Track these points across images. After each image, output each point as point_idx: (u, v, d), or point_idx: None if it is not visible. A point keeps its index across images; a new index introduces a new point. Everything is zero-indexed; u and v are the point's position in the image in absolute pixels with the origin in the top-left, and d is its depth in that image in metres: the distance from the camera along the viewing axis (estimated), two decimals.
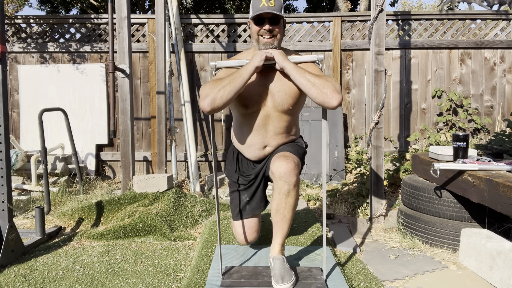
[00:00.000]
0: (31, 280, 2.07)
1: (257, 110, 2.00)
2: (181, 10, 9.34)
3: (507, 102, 4.77)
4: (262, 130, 2.03)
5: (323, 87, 1.79)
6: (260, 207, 2.20)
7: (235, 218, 2.23)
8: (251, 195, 2.18)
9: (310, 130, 4.53)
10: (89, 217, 3.01)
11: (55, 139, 4.73)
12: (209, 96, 1.80)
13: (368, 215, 3.28)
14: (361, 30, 4.75)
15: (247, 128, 2.06)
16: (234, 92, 1.83)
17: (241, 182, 2.19)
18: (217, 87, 1.82)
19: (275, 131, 2.03)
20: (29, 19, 4.80)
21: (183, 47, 4.50)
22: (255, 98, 1.97)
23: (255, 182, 2.18)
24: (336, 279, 1.97)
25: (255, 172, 2.16)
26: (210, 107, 1.80)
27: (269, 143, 2.06)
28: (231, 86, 1.82)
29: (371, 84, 3.09)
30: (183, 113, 4.42)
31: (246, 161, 2.20)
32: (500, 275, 2.01)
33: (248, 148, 2.11)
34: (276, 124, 2.02)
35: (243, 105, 1.99)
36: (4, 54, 2.25)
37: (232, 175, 2.22)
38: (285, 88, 1.96)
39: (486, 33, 4.74)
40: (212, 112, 1.83)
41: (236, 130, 2.14)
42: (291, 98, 1.97)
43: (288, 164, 1.84)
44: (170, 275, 2.14)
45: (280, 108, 1.98)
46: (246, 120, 2.04)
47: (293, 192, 1.86)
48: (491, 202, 2.12)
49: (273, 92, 1.97)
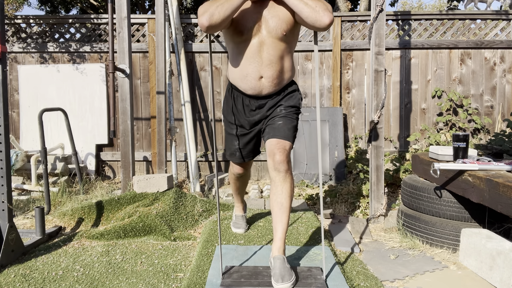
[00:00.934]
0: (31, 280, 2.07)
1: (251, 36, 2.02)
2: (181, 10, 9.34)
3: (507, 102, 4.77)
4: (257, 57, 2.04)
5: (315, 6, 1.87)
6: (250, 156, 2.33)
7: (229, 157, 2.38)
8: (244, 144, 2.27)
9: (310, 130, 4.53)
10: (89, 217, 3.01)
11: (55, 139, 4.73)
12: (208, 12, 1.86)
13: (368, 215, 3.28)
14: (361, 30, 4.75)
15: (242, 56, 2.07)
16: (231, 9, 1.88)
17: (238, 124, 2.23)
18: (215, 3, 1.88)
19: (270, 59, 2.04)
20: (29, 19, 4.80)
21: (183, 47, 4.50)
22: (249, 24, 2.00)
23: (249, 134, 2.24)
24: (336, 279, 1.97)
25: (251, 123, 2.20)
26: (208, 22, 1.86)
27: (264, 73, 2.06)
28: (229, 3, 1.88)
29: (371, 84, 3.09)
30: (183, 113, 4.42)
31: (242, 99, 2.19)
32: (500, 275, 2.01)
33: (244, 79, 2.11)
34: (271, 51, 2.03)
35: (237, 32, 2.01)
36: (4, 54, 2.25)
37: (228, 114, 2.26)
38: (278, 14, 2.00)
39: (486, 33, 4.74)
40: (210, 29, 1.89)
41: (232, 63, 2.16)
42: (285, 23, 2.00)
43: (281, 156, 2.00)
44: (170, 275, 2.14)
45: (274, 34, 2.01)
46: (241, 48, 2.06)
47: (288, 178, 2.00)
48: (491, 202, 2.12)
49: (267, 18, 2.01)
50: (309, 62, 4.80)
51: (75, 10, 10.20)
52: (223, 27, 1.94)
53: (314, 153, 4.48)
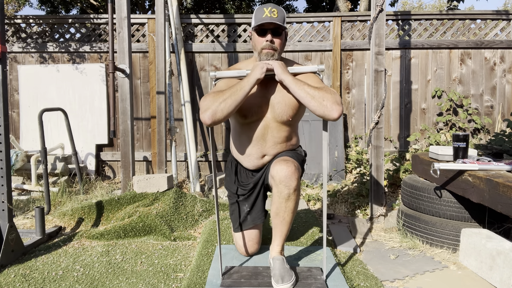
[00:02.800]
0: (31, 280, 2.07)
1: (256, 120, 1.99)
2: (181, 10, 9.34)
3: (507, 102, 4.77)
4: (261, 140, 2.02)
5: (322, 99, 1.77)
6: (260, 217, 2.17)
7: (236, 230, 2.21)
8: (251, 205, 2.16)
9: (310, 130, 4.53)
10: (89, 217, 3.01)
11: (55, 139, 4.73)
12: (210, 109, 1.79)
13: (368, 215, 3.28)
14: (361, 30, 4.75)
15: (246, 138, 2.04)
16: (235, 105, 1.82)
17: (240, 193, 2.17)
18: (218, 100, 1.81)
19: (274, 141, 2.02)
20: (28, 19, 4.80)
21: (183, 47, 4.50)
22: (254, 109, 1.96)
23: (254, 191, 2.15)
24: (336, 279, 1.97)
25: (254, 181, 2.14)
26: (211, 120, 1.79)
27: (268, 152, 2.05)
28: (232, 99, 1.81)
29: (371, 84, 3.09)
30: (183, 113, 4.42)
31: (245, 171, 2.18)
32: (500, 275, 2.01)
33: (246, 158, 2.10)
34: (275, 134, 2.01)
35: (242, 115, 1.98)
36: (4, 54, 2.25)
37: (231, 186, 2.20)
38: (285, 100, 1.95)
39: (486, 33, 4.74)
40: (212, 125, 1.82)
41: (235, 140, 2.13)
42: (291, 109, 1.96)
43: (289, 168, 1.83)
44: (170, 275, 2.14)
45: (279, 119, 1.98)
46: (245, 130, 2.03)
47: (293, 196, 1.86)
48: (491, 202, 2.12)
49: (273, 103, 1.97)
50: (309, 62, 4.80)
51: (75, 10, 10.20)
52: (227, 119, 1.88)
53: (314, 153, 4.48)
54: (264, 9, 1.93)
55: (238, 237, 2.21)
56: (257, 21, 1.93)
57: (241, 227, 2.18)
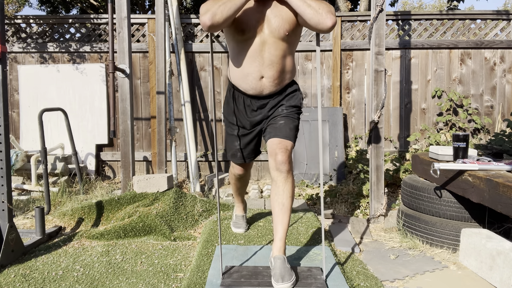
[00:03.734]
0: (31, 280, 2.07)
1: (253, 35, 2.01)
2: (181, 10, 9.34)
3: (507, 102, 4.77)
4: (258, 57, 2.03)
5: (318, 8, 1.86)
6: (251, 157, 2.33)
7: (230, 158, 2.38)
8: (245, 144, 2.27)
9: (310, 130, 4.53)
10: (89, 217, 3.01)
11: (55, 139, 4.74)
12: (210, 11, 1.84)
13: (368, 215, 3.28)
14: (361, 30, 4.75)
15: (244, 55, 2.06)
16: (234, 9, 1.87)
17: (239, 125, 2.23)
18: (217, 3, 1.86)
19: (271, 59, 2.03)
20: (29, 19, 4.80)
21: (183, 47, 4.50)
22: (252, 23, 1.99)
23: (251, 134, 2.23)
24: (336, 279, 1.97)
25: (252, 123, 2.19)
26: (211, 21, 1.84)
27: (266, 73, 2.06)
28: (232, 2, 1.86)
29: (371, 84, 3.09)
30: (183, 113, 4.42)
31: (243, 99, 2.18)
32: (500, 275, 2.01)
33: (245, 79, 2.10)
34: (273, 51, 2.02)
35: (239, 30, 2.00)
36: (4, 54, 2.25)
37: (229, 114, 2.25)
38: (281, 14, 1.99)
39: (486, 33, 4.74)
40: (212, 29, 1.87)
41: (233, 61, 2.14)
42: (288, 23, 1.99)
43: (283, 156, 1.99)
44: (170, 275, 2.14)
45: (276, 34, 2.00)
46: (243, 47, 2.05)
47: (289, 178, 2.00)
48: (491, 202, 2.12)
49: (270, 18, 2.00)
50: (309, 62, 4.80)
51: (75, 10, 10.20)
52: (225, 26, 1.92)
53: (314, 153, 4.48)
54: None
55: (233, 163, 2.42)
56: None
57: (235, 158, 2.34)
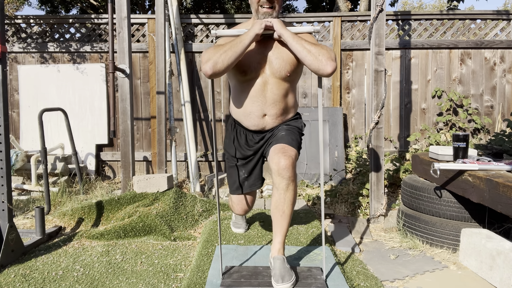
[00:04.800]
0: (31, 280, 2.07)
1: (255, 76, 2.02)
2: (181, 10, 9.34)
3: (507, 102, 4.77)
4: (260, 97, 2.04)
5: (318, 54, 1.85)
6: (257, 184, 2.26)
7: (233, 192, 2.30)
8: (249, 171, 2.23)
9: (310, 130, 4.53)
10: (89, 217, 3.01)
11: (55, 139, 4.73)
12: (211, 60, 1.85)
13: (368, 215, 3.28)
14: (361, 30, 4.75)
15: (246, 95, 2.07)
16: (235, 57, 1.87)
17: (239, 156, 2.21)
18: (218, 51, 1.86)
19: (273, 98, 2.04)
20: (29, 19, 4.80)
21: (183, 47, 4.50)
22: (253, 65, 2.00)
23: (253, 159, 2.21)
24: (336, 279, 1.97)
25: (254, 149, 2.18)
26: (212, 70, 1.85)
27: (268, 111, 2.07)
28: (232, 51, 1.86)
29: (371, 84, 3.09)
30: (183, 113, 4.42)
31: (245, 133, 2.20)
32: (500, 275, 2.01)
33: (247, 117, 2.11)
34: (275, 90, 2.03)
35: (241, 71, 2.01)
36: (4, 54, 2.25)
37: (230, 147, 2.24)
38: (283, 55, 1.99)
39: (486, 33, 4.74)
40: (213, 76, 1.87)
41: (235, 99, 2.16)
42: (289, 65, 2.00)
43: (286, 161, 1.90)
44: (170, 275, 2.14)
45: (278, 75, 2.01)
46: (245, 87, 2.06)
47: (291, 186, 1.91)
48: (491, 202, 2.12)
49: (271, 59, 2.00)
50: None
51: (75, 10, 10.20)
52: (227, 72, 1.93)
53: (314, 153, 4.48)
54: None
55: (235, 199, 2.31)
56: None
57: (241, 189, 2.26)
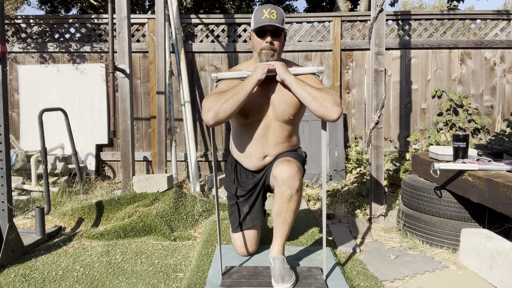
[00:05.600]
0: (31, 280, 2.07)
1: (257, 120, 2.00)
2: (181, 10, 9.34)
3: (507, 102, 4.77)
4: (262, 139, 2.02)
5: (323, 100, 1.81)
6: (259, 217, 2.18)
7: (234, 231, 2.21)
8: (251, 205, 2.17)
9: (310, 130, 4.53)
10: (89, 217, 3.01)
11: (55, 139, 4.73)
12: (213, 110, 1.82)
13: (368, 215, 3.28)
14: (361, 30, 4.75)
15: (247, 137, 2.05)
16: (238, 105, 1.84)
17: (240, 194, 2.17)
18: (220, 100, 1.83)
19: (275, 140, 2.03)
20: (29, 19, 4.80)
21: (183, 47, 4.50)
22: (256, 109, 1.97)
23: (254, 192, 2.16)
24: (336, 279, 1.97)
25: (254, 182, 2.14)
26: (214, 120, 1.81)
27: (269, 152, 2.05)
28: (234, 99, 1.83)
29: (371, 84, 3.09)
30: (183, 113, 4.42)
31: (245, 172, 2.18)
32: (500, 275, 2.01)
33: (247, 158, 2.09)
34: (277, 133, 2.02)
35: (243, 115, 1.99)
36: (4, 54, 2.25)
37: (231, 187, 2.20)
38: (286, 99, 1.96)
39: (486, 33, 4.74)
40: (215, 125, 1.84)
41: (235, 140, 2.13)
42: (292, 108, 1.98)
43: (292, 169, 1.83)
44: (170, 275, 2.14)
45: (281, 118, 1.99)
46: (246, 130, 2.04)
47: (295, 197, 1.86)
48: (491, 202, 2.12)
49: (274, 103, 1.98)
50: (309, 62, 4.80)
51: (75, 10, 10.21)
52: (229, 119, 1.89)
53: (314, 153, 4.48)
54: (263, 11, 1.94)
55: (236, 238, 2.22)
56: (257, 23, 1.94)
57: (240, 227, 2.19)
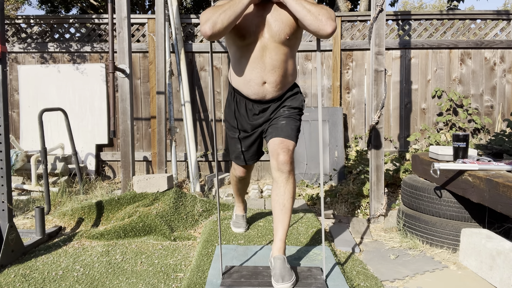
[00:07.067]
0: (31, 280, 2.07)
1: (254, 41, 2.00)
2: (181, 10, 9.34)
3: (507, 102, 4.77)
4: (260, 62, 2.03)
5: (318, 13, 1.84)
6: (254, 159, 2.32)
7: (234, 160, 2.36)
8: (247, 147, 2.26)
9: (310, 130, 4.53)
10: (89, 217, 3.01)
11: (55, 139, 4.73)
12: (210, 20, 1.83)
13: (368, 215, 3.28)
14: (361, 30, 4.75)
15: (245, 61, 2.05)
16: (234, 16, 1.85)
17: (240, 128, 2.23)
18: (217, 11, 1.85)
19: (272, 63, 2.03)
20: (29, 19, 4.80)
21: (183, 47, 4.50)
22: (252, 28, 1.98)
23: (252, 136, 2.22)
24: (336, 279, 1.97)
25: (253, 125, 2.19)
26: (211, 30, 1.83)
27: (268, 78, 2.05)
28: (231, 10, 1.85)
29: (371, 84, 3.09)
30: (183, 113, 4.42)
31: (244, 103, 2.18)
32: (500, 275, 2.01)
33: (247, 84, 2.10)
34: (274, 56, 2.01)
35: (240, 35, 1.99)
36: (4, 54, 2.25)
37: (231, 118, 2.24)
38: (281, 18, 1.98)
39: (486, 33, 4.74)
40: (212, 37, 1.86)
41: (234, 67, 2.14)
42: (288, 27, 1.98)
43: (285, 156, 1.98)
44: (170, 275, 2.14)
45: (277, 38, 1.99)
46: (244, 52, 2.04)
47: (290, 179, 1.98)
48: (491, 202, 2.12)
49: (270, 22, 1.99)
50: (309, 62, 4.80)
51: (75, 10, 10.21)
52: (226, 33, 1.90)
53: (314, 153, 4.48)
54: None
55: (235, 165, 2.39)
56: None
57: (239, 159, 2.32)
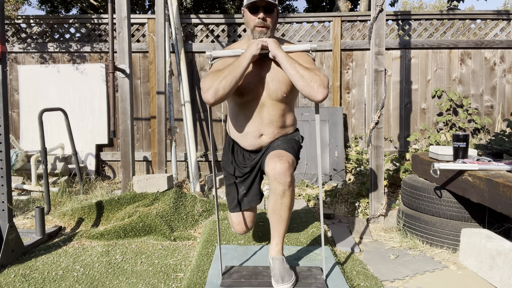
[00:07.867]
0: (31, 280, 2.07)
1: (252, 98, 2.02)
2: (181, 10, 9.34)
3: (507, 102, 4.77)
4: (257, 117, 2.04)
5: (310, 80, 1.84)
6: (256, 200, 2.22)
7: (232, 210, 2.24)
8: (247, 187, 2.20)
9: (310, 130, 4.53)
10: (89, 217, 3.01)
11: (55, 139, 4.73)
12: (212, 88, 1.84)
13: (368, 215, 3.28)
14: (361, 30, 4.75)
15: (243, 117, 2.07)
16: (235, 81, 1.86)
17: (237, 174, 2.20)
18: (218, 78, 1.85)
19: (270, 119, 2.04)
20: (29, 19, 4.80)
21: (183, 47, 4.50)
22: (251, 87, 1.99)
23: (251, 175, 2.19)
24: (336, 279, 1.97)
25: (251, 165, 2.17)
26: (214, 98, 1.84)
27: (265, 131, 2.07)
28: (232, 76, 1.85)
29: (371, 84, 3.09)
30: (183, 113, 4.42)
31: (242, 152, 2.20)
32: (500, 275, 2.01)
33: (244, 137, 2.11)
34: (271, 112, 2.03)
35: (239, 94, 2.01)
36: (4, 54, 2.25)
37: (228, 166, 2.23)
38: (278, 77, 1.99)
39: (486, 33, 4.74)
40: (215, 104, 1.86)
41: (232, 120, 2.16)
42: (285, 86, 2.00)
43: (283, 165, 1.84)
44: (170, 275, 2.14)
45: (274, 96, 2.01)
46: (242, 109, 2.06)
47: (288, 192, 1.87)
48: (491, 202, 2.12)
49: (267, 81, 2.00)
50: None
51: (75, 10, 10.21)
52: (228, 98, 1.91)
53: (314, 153, 4.48)
54: None
55: (234, 217, 2.25)
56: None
57: (238, 207, 2.22)
